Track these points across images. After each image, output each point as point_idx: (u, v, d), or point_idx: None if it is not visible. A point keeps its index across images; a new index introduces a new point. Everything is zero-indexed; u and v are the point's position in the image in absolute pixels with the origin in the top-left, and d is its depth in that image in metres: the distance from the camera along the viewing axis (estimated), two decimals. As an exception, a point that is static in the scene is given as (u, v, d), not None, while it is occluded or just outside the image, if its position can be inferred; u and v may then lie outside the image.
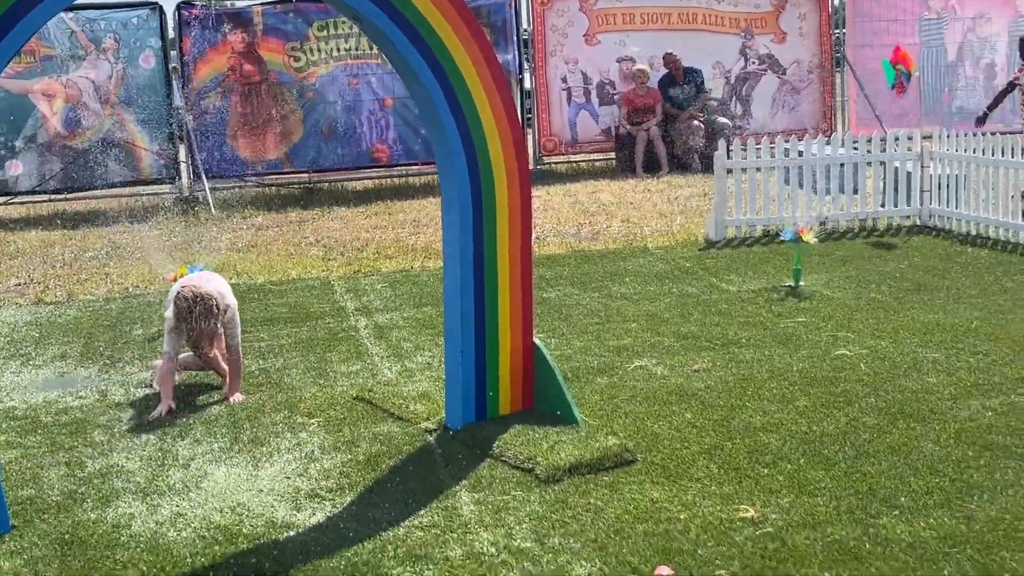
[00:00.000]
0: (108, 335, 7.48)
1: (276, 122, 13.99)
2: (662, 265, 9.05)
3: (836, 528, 4.15)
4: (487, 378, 5.35)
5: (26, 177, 13.37)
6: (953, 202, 9.93)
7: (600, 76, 15.25)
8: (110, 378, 6.48)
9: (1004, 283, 7.94)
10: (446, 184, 5.22)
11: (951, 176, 9.97)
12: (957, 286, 7.93)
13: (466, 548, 4.13)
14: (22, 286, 9.23)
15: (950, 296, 7.63)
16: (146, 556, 4.14)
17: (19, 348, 7.24)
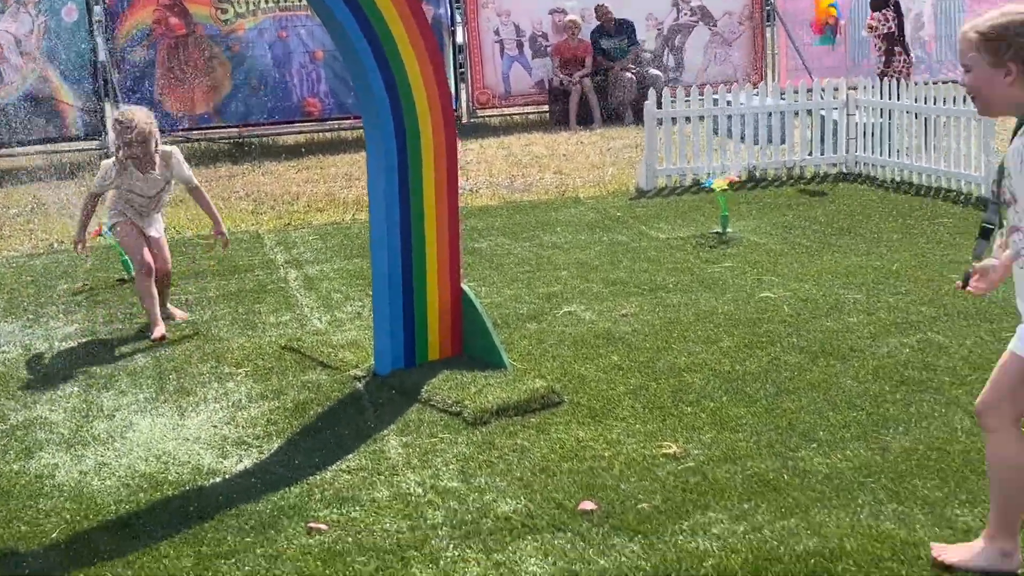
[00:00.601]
0: (31, 290, 7.36)
1: (204, 76, 13.77)
2: (593, 215, 9.10)
3: (756, 462, 4.24)
4: (415, 324, 5.36)
5: (-51, 132, 13.05)
6: (878, 150, 10.08)
7: (533, 28, 15.20)
8: (33, 332, 6.39)
9: (924, 227, 8.10)
10: (371, 132, 5.19)
11: (876, 124, 10.11)
12: (880, 230, 8.07)
13: (393, 490, 4.16)
14: None
15: (872, 240, 7.77)
16: (70, 505, 4.11)
17: (-60, 305, 7.11)
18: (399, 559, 3.63)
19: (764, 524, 3.75)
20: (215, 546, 3.76)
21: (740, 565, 3.49)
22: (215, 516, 3.98)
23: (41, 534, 3.88)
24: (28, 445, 4.70)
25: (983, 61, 3.13)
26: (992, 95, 3.18)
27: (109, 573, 3.60)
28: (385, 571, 3.56)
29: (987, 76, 3.14)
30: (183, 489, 4.22)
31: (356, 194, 10.37)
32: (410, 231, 5.28)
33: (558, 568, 3.52)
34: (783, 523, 3.75)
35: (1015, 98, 3.13)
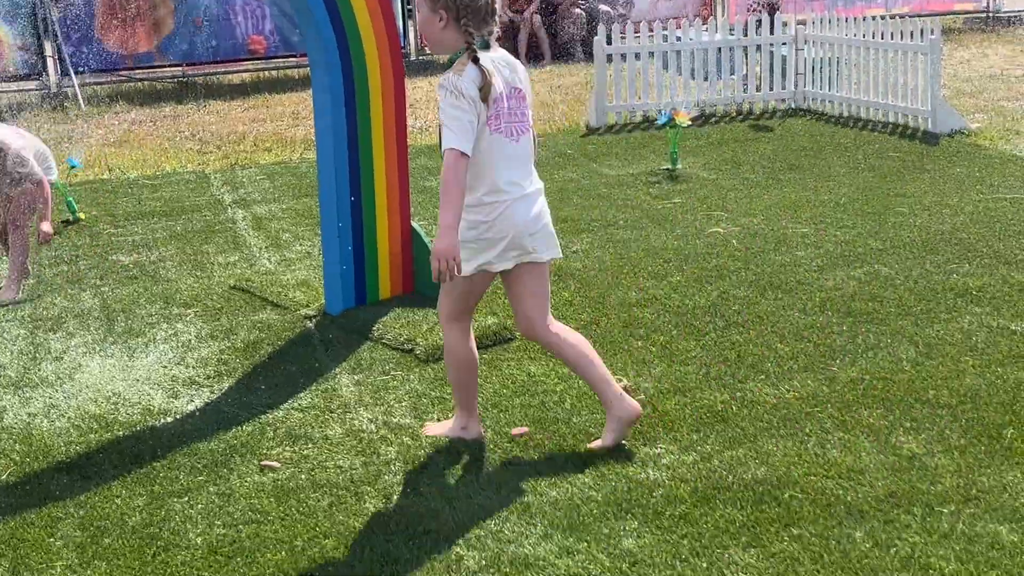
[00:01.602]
0: (-26, 233, 7.22)
1: (146, 13, 13.47)
2: (543, 152, 9.06)
3: (705, 394, 4.29)
4: (365, 262, 5.34)
5: None
6: (826, 84, 10.12)
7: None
8: None
9: (872, 161, 8.17)
10: (317, 70, 5.12)
11: (824, 59, 10.14)
12: (828, 165, 8.13)
13: (346, 427, 4.17)
14: None
15: (821, 175, 7.83)
16: (19, 447, 4.08)
17: None
18: (353, 495, 3.65)
19: (713, 454, 3.81)
20: (168, 485, 3.75)
21: (689, 494, 3.54)
22: (167, 456, 3.97)
23: (-10, 477, 3.85)
24: (-26, 388, 4.65)
25: (425, 6, 3.66)
26: (432, 36, 3.72)
27: (61, 513, 3.58)
28: (339, 506, 3.58)
29: (426, 19, 3.68)
30: (134, 430, 4.20)
31: (304, 133, 10.26)
32: (359, 169, 5.23)
33: (510, 500, 3.56)
34: (731, 453, 3.81)
35: (447, 40, 3.66)
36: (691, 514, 3.43)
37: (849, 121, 9.69)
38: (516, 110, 3.69)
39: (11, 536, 3.46)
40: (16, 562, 3.32)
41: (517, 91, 3.72)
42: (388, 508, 3.55)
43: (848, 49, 9.86)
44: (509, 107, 3.65)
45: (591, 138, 9.56)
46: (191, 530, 3.46)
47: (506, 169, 3.67)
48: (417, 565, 3.22)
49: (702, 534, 3.32)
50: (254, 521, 3.50)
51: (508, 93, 3.65)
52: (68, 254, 6.64)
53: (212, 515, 3.55)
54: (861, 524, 3.33)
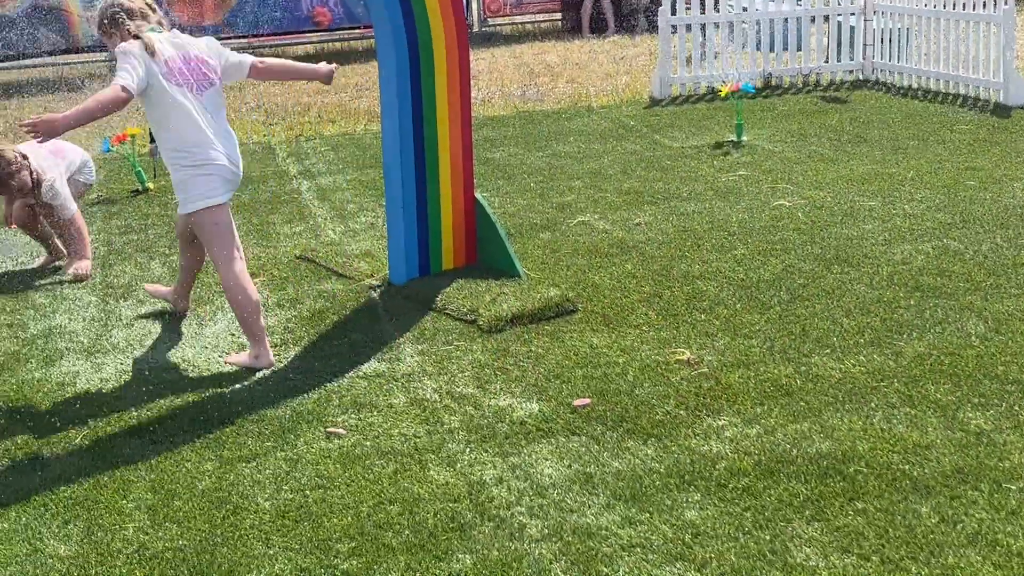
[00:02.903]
0: (47, 202, 7.37)
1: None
2: (606, 124, 9.04)
3: (769, 367, 4.27)
4: (429, 233, 5.37)
5: (-46, 46, 12.95)
6: (896, 56, 9.94)
7: (544, -66, 14.94)
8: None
9: (942, 134, 8.02)
10: (382, 40, 5.13)
11: (894, 30, 9.96)
12: (896, 137, 8.00)
13: (410, 396, 4.21)
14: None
15: (889, 147, 7.71)
16: (92, 411, 4.17)
17: (-44, 217, 7.14)
18: (417, 462, 3.69)
19: (777, 427, 3.79)
20: (236, 450, 3.82)
21: (752, 467, 3.53)
22: (235, 421, 4.04)
23: (65, 439, 3.95)
24: (49, 354, 4.76)
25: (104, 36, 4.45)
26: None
27: (133, 477, 3.67)
28: (403, 473, 3.62)
29: (110, 44, 4.48)
30: (203, 396, 4.28)
31: (367, 105, 10.31)
32: (423, 140, 5.25)
33: (573, 470, 3.58)
34: (795, 426, 3.79)
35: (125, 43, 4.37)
36: (754, 487, 3.42)
37: (918, 93, 9.53)
38: (195, 70, 4.41)
39: (85, 498, 3.55)
40: (90, 523, 3.40)
41: (193, 56, 4.43)
42: (451, 476, 3.59)
43: (918, 19, 9.68)
44: (187, 69, 4.38)
45: (654, 110, 9.50)
46: (259, 494, 3.53)
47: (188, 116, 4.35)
48: (480, 532, 3.25)
49: (765, 507, 3.31)
50: (320, 486, 3.56)
51: (181, 56, 4.39)
52: (138, 223, 6.75)
53: (280, 480, 3.61)
54: (927, 500, 3.30)
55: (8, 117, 10.65)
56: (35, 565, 3.19)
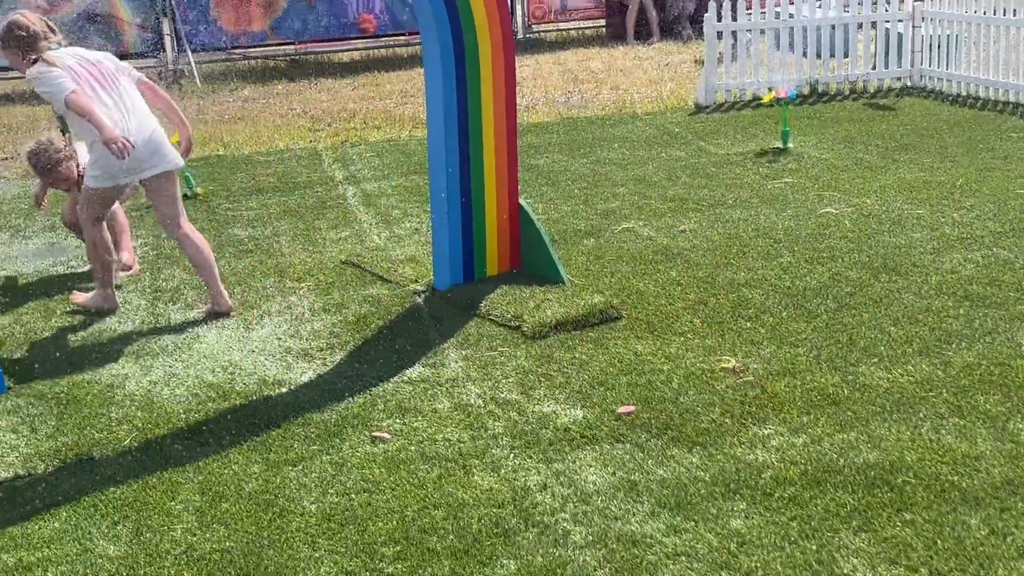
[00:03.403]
0: (97, 206, 7.47)
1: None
2: (651, 131, 9.02)
3: (815, 376, 4.24)
4: (474, 239, 5.38)
5: (8, 53, 13.16)
6: (944, 63, 9.84)
7: (589, -59, 14.94)
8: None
9: (991, 142, 7.93)
10: (429, 46, 5.16)
11: (943, 36, 9.86)
12: (945, 145, 7.92)
13: (454, 401, 4.22)
14: (9, 161, 9.19)
15: (937, 155, 7.63)
16: (140, 413, 4.22)
17: (8, 220, 7.26)
18: (461, 467, 3.70)
19: (823, 437, 3.76)
20: (282, 453, 3.85)
21: (798, 476, 3.51)
22: (281, 425, 4.07)
23: (114, 440, 3.99)
24: (99, 356, 4.82)
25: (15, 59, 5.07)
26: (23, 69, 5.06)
27: (181, 478, 3.71)
28: (448, 478, 3.63)
29: (17, 64, 5.10)
30: (250, 399, 4.31)
31: (412, 111, 10.36)
32: (468, 146, 5.27)
33: (617, 478, 3.57)
34: (843, 436, 3.76)
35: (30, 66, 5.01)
36: (801, 496, 3.40)
37: (967, 100, 9.42)
38: (95, 74, 5.01)
39: (134, 499, 3.59)
40: (139, 523, 3.45)
41: (94, 63, 5.06)
42: (496, 481, 3.60)
43: (967, 26, 9.58)
44: (89, 72, 4.99)
45: (699, 116, 9.47)
46: (305, 497, 3.55)
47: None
48: (524, 538, 3.26)
49: (812, 517, 3.29)
50: (366, 490, 3.58)
51: (81, 64, 5.00)
52: (186, 228, 6.82)
53: (325, 483, 3.63)
54: (976, 511, 3.26)
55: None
56: (85, 565, 3.23)
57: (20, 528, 3.45)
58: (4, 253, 6.51)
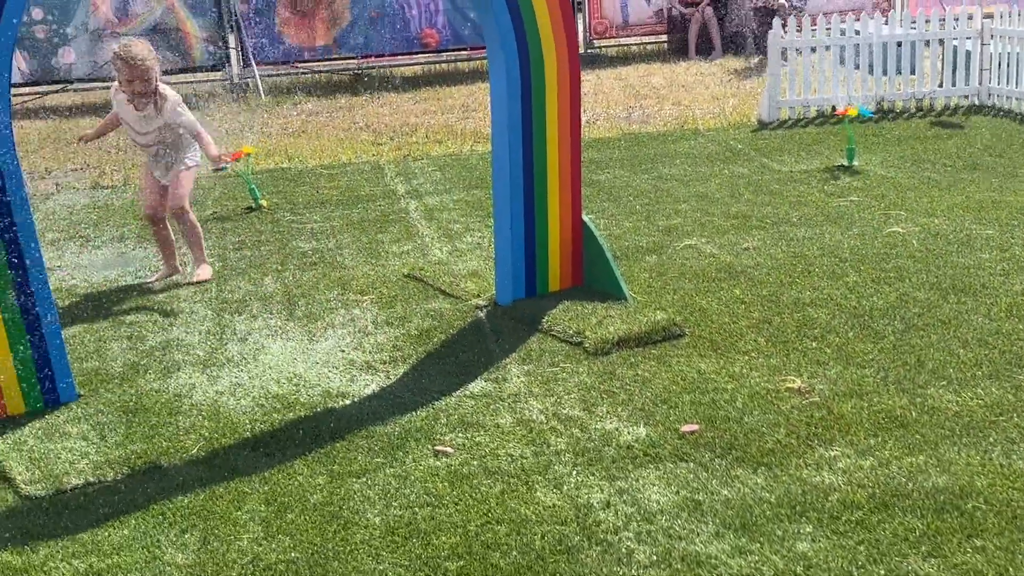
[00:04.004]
0: (164, 217, 7.59)
1: (324, 8, 13.89)
2: (713, 147, 8.98)
3: (883, 398, 4.19)
4: (536, 254, 5.39)
5: (79, 65, 13.45)
6: (1013, 80, 9.69)
7: (652, -44, 14.93)
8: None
9: (1063, 162, 7.80)
10: (494, 59, 5.18)
11: (1012, 54, 9.71)
12: (1014, 164, 7.79)
13: (516, 416, 4.22)
14: (79, 171, 9.38)
15: (1007, 174, 7.51)
16: (207, 423, 4.28)
17: (78, 230, 7.40)
18: (523, 483, 3.70)
19: (891, 460, 3.71)
20: (346, 465, 3.88)
21: (866, 499, 3.46)
22: (345, 437, 4.10)
23: (181, 449, 4.05)
24: (166, 365, 4.89)
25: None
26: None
27: (247, 488, 3.75)
28: (511, 494, 3.63)
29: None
30: (314, 411, 4.35)
31: (474, 126, 10.41)
32: (532, 160, 5.28)
33: (681, 497, 3.55)
34: (911, 459, 3.71)
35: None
36: (868, 520, 3.35)
37: (1038, 119, 9.27)
38: None
39: (201, 508, 3.64)
40: (206, 532, 3.49)
41: None
42: (558, 498, 3.59)
43: (1039, 43, 9.43)
44: None
45: (763, 133, 9.41)
46: (369, 510, 3.57)
47: None
48: (588, 556, 3.25)
49: (880, 541, 3.24)
50: (429, 504, 3.59)
51: None
52: (251, 240, 6.91)
53: (389, 496, 3.65)
54: (1050, 540, 3.19)
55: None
56: (154, 573, 3.28)
57: (90, 535, 3.51)
58: (74, 262, 6.63)
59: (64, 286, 6.13)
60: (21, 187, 4.28)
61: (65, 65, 13.42)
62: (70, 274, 6.37)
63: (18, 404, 4.37)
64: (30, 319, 4.34)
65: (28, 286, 4.31)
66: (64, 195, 8.49)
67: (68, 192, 8.59)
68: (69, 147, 10.46)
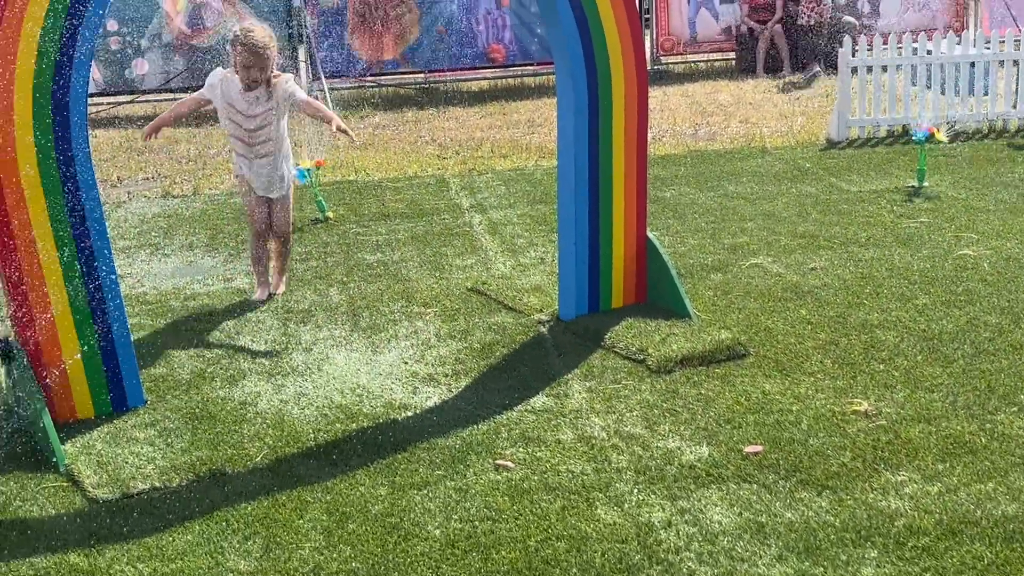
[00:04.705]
0: (232, 227, 7.71)
1: (393, 22, 14.02)
2: (781, 165, 8.90)
3: (952, 423, 4.11)
4: (600, 270, 5.38)
5: (152, 76, 13.70)
6: (1091, 102, 9.49)
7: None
8: (235, 267, 6.69)
9: None
10: (562, 74, 5.19)
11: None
12: (1091, 188, 7.63)
13: (578, 432, 4.21)
14: (150, 180, 9.54)
15: (1083, 198, 7.36)
16: (271, 431, 4.32)
17: (148, 238, 7.53)
18: (584, 500, 3.69)
19: (960, 486, 3.64)
20: (408, 477, 3.90)
21: (933, 526, 3.40)
22: (407, 448, 4.12)
23: (246, 457, 4.09)
24: (232, 373, 4.95)
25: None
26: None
27: (309, 497, 3.78)
28: (571, 510, 3.62)
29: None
30: (377, 422, 4.38)
31: (539, 141, 10.43)
32: (598, 176, 5.28)
33: (744, 519, 3.51)
34: (980, 486, 3.63)
35: None
36: (935, 547, 3.29)
37: (1116, 141, 9.06)
38: None
39: (264, 515, 3.67)
40: (269, 540, 3.52)
41: None
42: (619, 516, 3.57)
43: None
44: None
45: (831, 152, 9.31)
46: (430, 522, 3.58)
47: None
48: (648, 575, 3.22)
49: (946, 569, 3.18)
50: (489, 518, 3.59)
51: None
52: (317, 251, 6.98)
53: (450, 509, 3.66)
54: (1125, 573, 3.11)
55: (198, 143, 11.18)
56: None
57: (155, 539, 3.56)
58: (144, 270, 6.74)
59: (133, 293, 6.24)
60: (96, 195, 4.36)
61: (138, 76, 13.68)
62: (139, 281, 6.48)
63: (87, 408, 4.45)
64: (101, 325, 4.42)
65: (101, 292, 4.39)
66: (135, 203, 8.64)
67: (139, 201, 8.75)
68: (141, 156, 10.65)
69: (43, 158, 4.18)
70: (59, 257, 4.29)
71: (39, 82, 4.11)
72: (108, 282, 4.41)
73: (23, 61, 4.07)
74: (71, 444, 4.21)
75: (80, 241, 4.32)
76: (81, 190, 4.28)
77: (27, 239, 4.22)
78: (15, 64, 4.06)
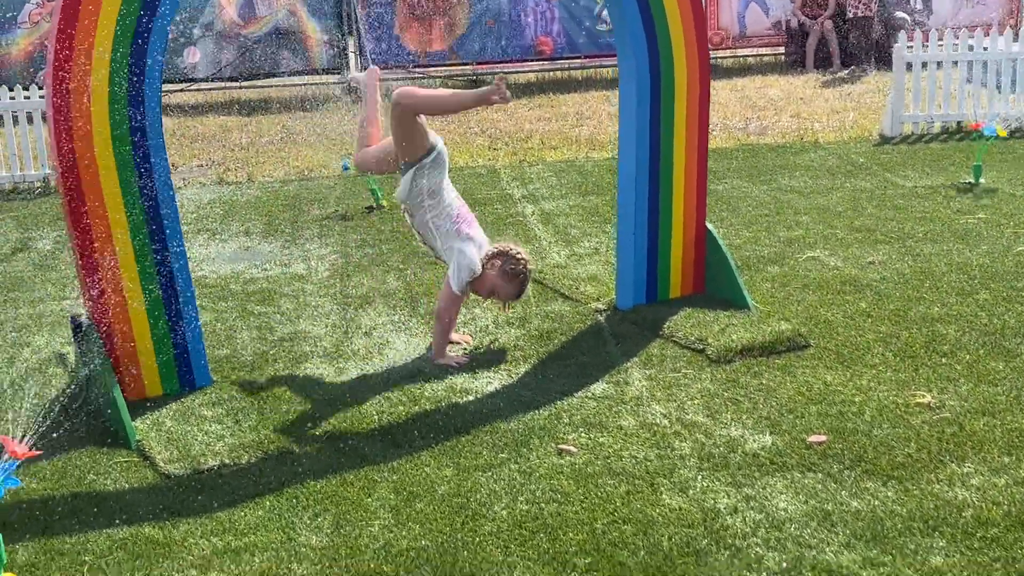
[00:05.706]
0: (287, 214, 7.78)
1: (442, 14, 14.07)
2: (834, 160, 8.86)
3: (1016, 417, 4.09)
4: (658, 260, 5.39)
5: (204, 65, 13.83)
6: None
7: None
8: (292, 253, 6.77)
9: None
10: (625, 63, 5.20)
11: None
12: None
13: (639, 419, 4.23)
14: (204, 167, 9.65)
15: None
16: (336, 412, 4.36)
17: (205, 224, 7.62)
18: (648, 484, 3.71)
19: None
20: (472, 459, 3.93)
21: (1001, 517, 3.39)
22: (470, 432, 4.16)
23: (312, 437, 4.15)
24: (295, 356, 5.01)
25: None
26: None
27: (376, 476, 3.83)
28: (636, 495, 3.64)
29: None
30: (439, 405, 4.42)
31: (588, 132, 10.44)
32: (659, 166, 5.29)
33: (810, 507, 3.52)
34: (1048, 480, 3.62)
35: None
36: (1004, 538, 3.28)
37: None
38: None
39: (333, 493, 3.72)
40: (339, 517, 3.57)
41: None
42: (684, 501, 3.59)
43: None
44: None
45: (885, 148, 9.25)
46: (496, 503, 3.62)
47: None
48: (717, 560, 3.24)
49: (1016, 559, 3.18)
50: (555, 500, 3.62)
51: None
52: (372, 238, 7.04)
53: (515, 491, 3.69)
54: None
55: (250, 132, 11.29)
56: (290, 553, 3.37)
57: (227, 514, 3.62)
58: (202, 255, 6.83)
59: (193, 277, 6.30)
60: (169, 182, 4.44)
61: (189, 65, 13.81)
62: (198, 266, 6.56)
63: (156, 386, 4.53)
64: (171, 306, 4.49)
65: (171, 275, 4.46)
66: (190, 190, 8.74)
67: (194, 187, 8.85)
68: (194, 144, 10.77)
69: (119, 145, 4.25)
70: (132, 242, 4.36)
71: (116, 65, 4.19)
72: (179, 266, 4.48)
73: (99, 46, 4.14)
74: (140, 421, 4.28)
75: (152, 225, 4.39)
76: (155, 175, 4.35)
77: (103, 225, 4.30)
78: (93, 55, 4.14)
